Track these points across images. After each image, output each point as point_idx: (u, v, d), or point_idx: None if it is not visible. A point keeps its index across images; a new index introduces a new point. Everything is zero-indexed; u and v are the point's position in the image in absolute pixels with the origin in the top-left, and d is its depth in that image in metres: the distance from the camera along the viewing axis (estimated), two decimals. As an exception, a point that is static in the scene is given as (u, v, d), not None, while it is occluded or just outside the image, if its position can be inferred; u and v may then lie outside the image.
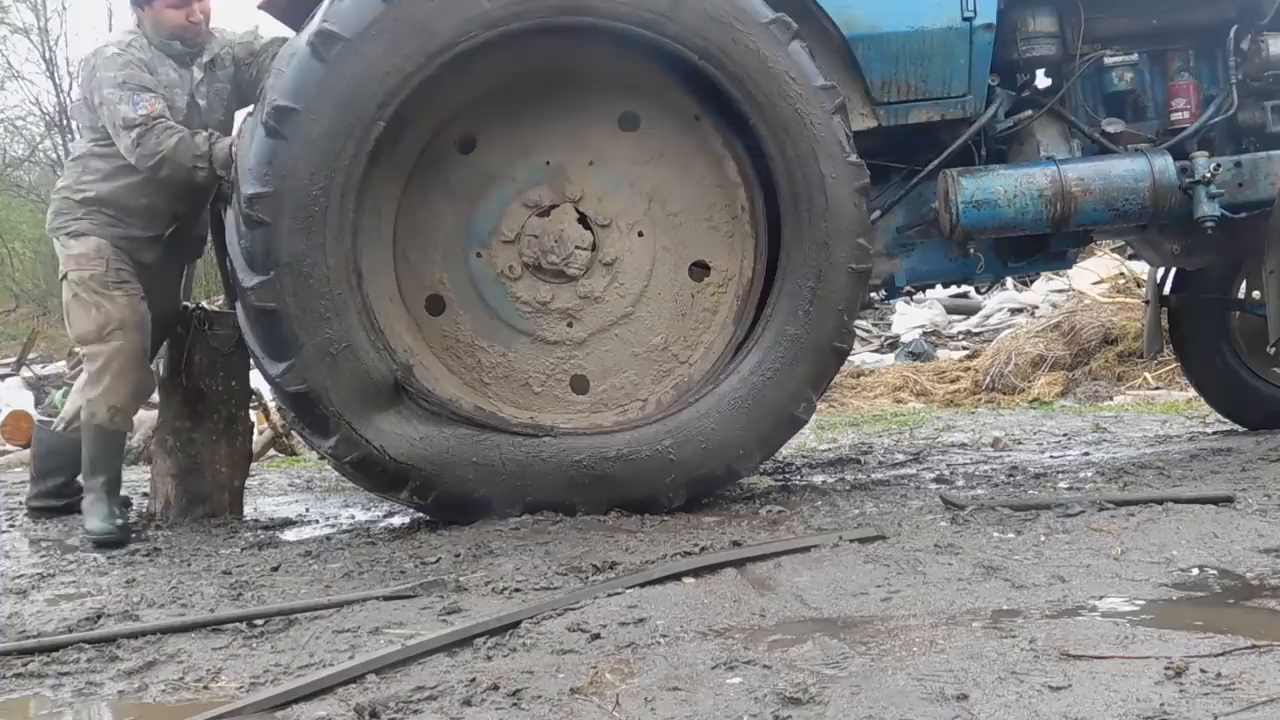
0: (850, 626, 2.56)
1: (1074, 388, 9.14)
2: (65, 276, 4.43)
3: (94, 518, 4.31)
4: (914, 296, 9.54)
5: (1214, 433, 5.73)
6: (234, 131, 4.38)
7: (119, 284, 4.37)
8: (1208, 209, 4.35)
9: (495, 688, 2.23)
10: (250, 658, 2.63)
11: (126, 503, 4.76)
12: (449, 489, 3.79)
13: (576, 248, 4.07)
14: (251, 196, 3.64)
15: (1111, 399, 8.69)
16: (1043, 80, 4.62)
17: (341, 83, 3.65)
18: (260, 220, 3.64)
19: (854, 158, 3.95)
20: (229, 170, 4.09)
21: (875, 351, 12.17)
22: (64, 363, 13.05)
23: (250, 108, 4.27)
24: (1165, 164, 4.34)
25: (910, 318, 12.41)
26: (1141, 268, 9.04)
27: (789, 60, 3.88)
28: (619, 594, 2.80)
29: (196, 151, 4.23)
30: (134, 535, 4.31)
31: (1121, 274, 10.39)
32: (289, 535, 4.29)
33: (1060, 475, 4.50)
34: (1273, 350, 5.05)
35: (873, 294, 4.61)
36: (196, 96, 4.47)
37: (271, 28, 4.58)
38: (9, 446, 8.47)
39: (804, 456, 5.79)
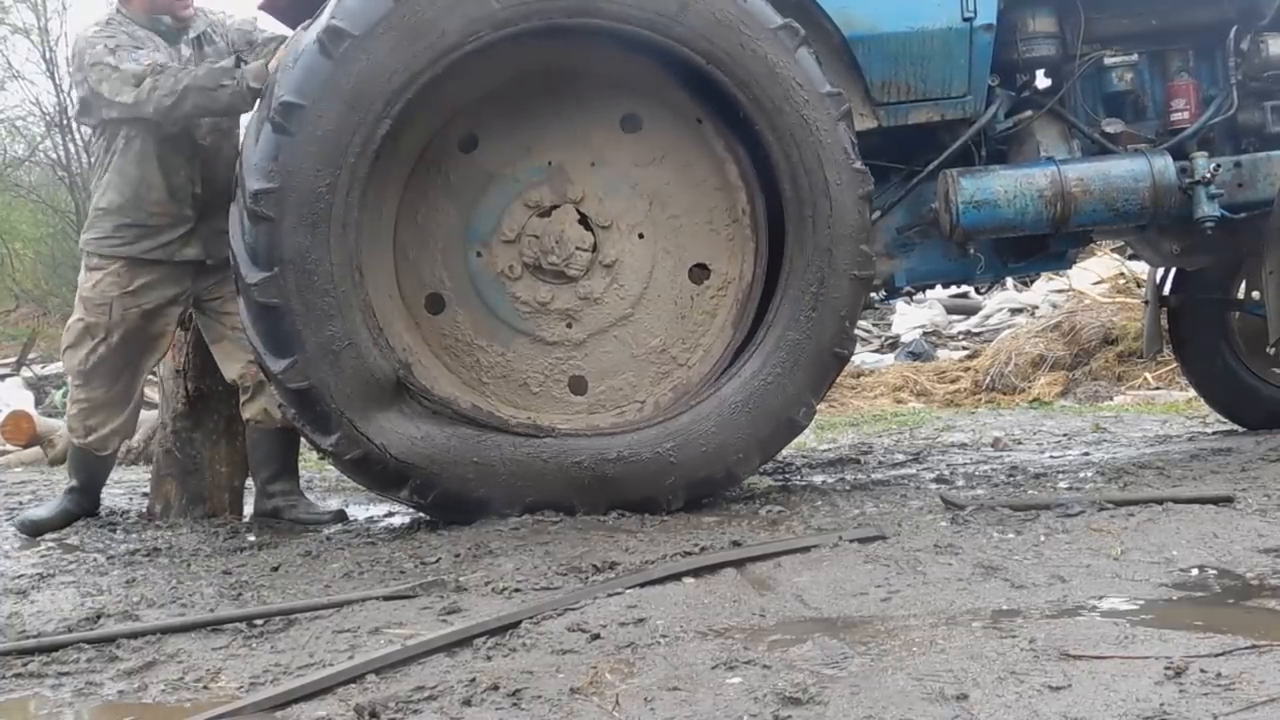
0: (850, 626, 2.56)
1: (1074, 388, 9.14)
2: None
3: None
4: (914, 297, 9.52)
5: (1214, 433, 5.72)
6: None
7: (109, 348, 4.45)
8: (1207, 209, 4.36)
9: (495, 688, 2.23)
10: (250, 658, 2.63)
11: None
12: (449, 489, 3.79)
13: (577, 249, 4.07)
14: (256, 192, 3.63)
15: (1111, 399, 8.69)
16: (1042, 81, 4.61)
17: (349, 80, 3.64)
18: (265, 216, 3.63)
19: (859, 164, 3.95)
20: (263, 85, 3.94)
21: (875, 351, 12.16)
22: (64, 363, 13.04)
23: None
24: (1165, 164, 4.34)
25: (910, 318, 12.41)
26: (1141, 268, 9.03)
27: (796, 66, 3.87)
28: (619, 594, 2.80)
29: (223, 73, 4.13)
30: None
31: (1121, 274, 10.39)
32: (289, 535, 4.29)
33: (1060, 475, 4.50)
34: (1272, 350, 5.04)
35: (872, 294, 4.61)
36: None
37: (271, 28, 4.57)
38: (9, 446, 8.46)
39: (804, 456, 5.79)
